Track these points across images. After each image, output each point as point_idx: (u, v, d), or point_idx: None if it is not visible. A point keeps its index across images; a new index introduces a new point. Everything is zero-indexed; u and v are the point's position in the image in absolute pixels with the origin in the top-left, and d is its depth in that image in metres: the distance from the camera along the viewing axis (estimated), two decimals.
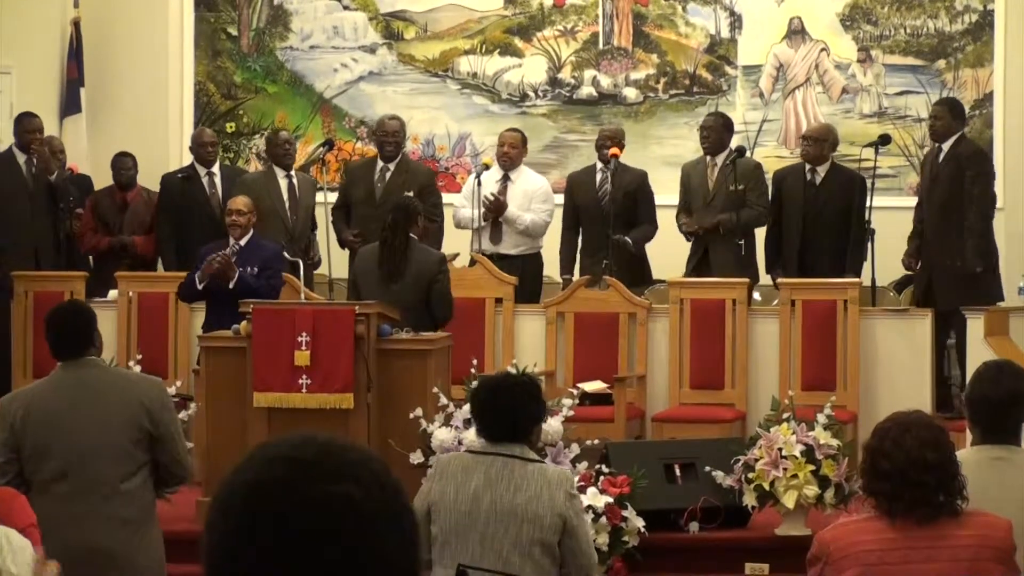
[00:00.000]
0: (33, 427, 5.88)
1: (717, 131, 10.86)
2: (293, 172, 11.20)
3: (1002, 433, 4.96)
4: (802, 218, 10.67)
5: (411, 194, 10.35)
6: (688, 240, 10.91)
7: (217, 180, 11.44)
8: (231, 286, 9.32)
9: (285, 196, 11.10)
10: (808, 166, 10.77)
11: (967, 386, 5.12)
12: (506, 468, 5.49)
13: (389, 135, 11.09)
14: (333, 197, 11.28)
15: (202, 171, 11.46)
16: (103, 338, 6.30)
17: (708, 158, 10.88)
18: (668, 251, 10.98)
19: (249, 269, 9.52)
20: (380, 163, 11.10)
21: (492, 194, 10.87)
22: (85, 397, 5.90)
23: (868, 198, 10.56)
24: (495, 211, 10.86)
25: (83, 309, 6.28)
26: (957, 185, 10.39)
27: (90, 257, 11.59)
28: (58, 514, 5.74)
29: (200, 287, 9.45)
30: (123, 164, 11.61)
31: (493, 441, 5.56)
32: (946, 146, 10.50)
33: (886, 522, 4.32)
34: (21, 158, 11.14)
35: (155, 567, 6.03)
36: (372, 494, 1.79)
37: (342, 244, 10.97)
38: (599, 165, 11.01)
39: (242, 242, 9.65)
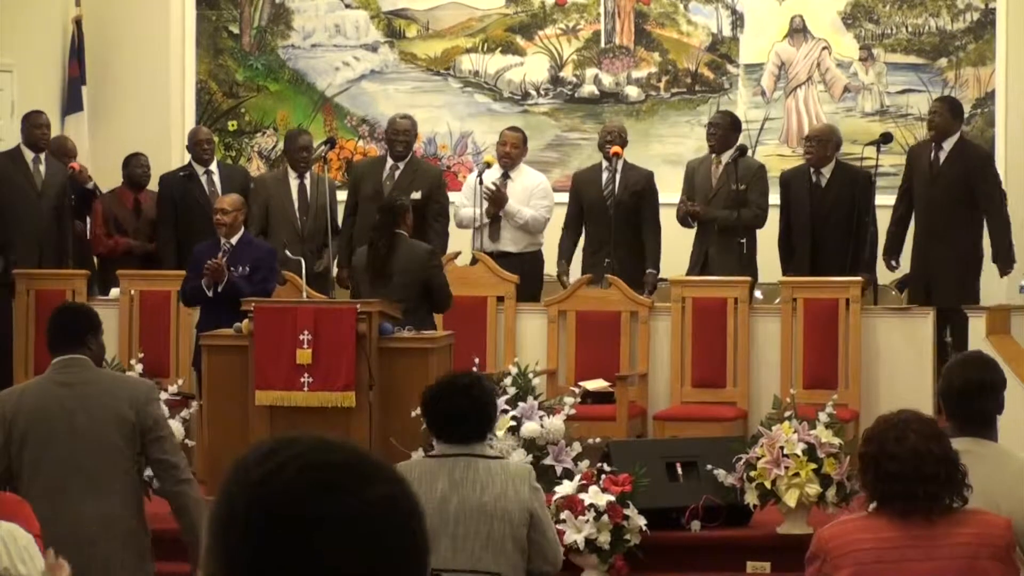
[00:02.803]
0: (23, 421, 5.91)
1: (724, 129, 10.86)
2: (307, 174, 11.20)
3: (973, 424, 4.97)
4: (810, 220, 10.61)
5: (417, 195, 10.38)
6: (688, 226, 10.84)
7: (215, 178, 11.44)
8: (219, 289, 9.33)
9: (295, 197, 11.10)
10: (812, 168, 10.72)
11: (940, 378, 5.14)
12: (469, 468, 5.51)
13: (400, 133, 11.09)
14: (341, 195, 11.32)
15: (200, 170, 11.47)
16: (105, 343, 6.29)
17: (713, 156, 10.88)
18: (669, 249, 10.96)
19: (241, 269, 9.53)
20: (390, 162, 11.10)
21: (494, 183, 10.86)
22: (74, 395, 5.92)
23: (874, 195, 10.57)
24: (496, 203, 10.85)
25: (81, 311, 6.32)
26: (964, 188, 10.40)
27: (94, 256, 11.60)
28: (44, 511, 5.75)
29: (210, 294, 9.47)
30: (138, 162, 11.62)
31: (452, 443, 5.57)
32: (947, 145, 10.49)
33: (886, 520, 4.31)
34: (29, 156, 11.17)
35: (141, 566, 6.02)
36: (406, 493, 1.83)
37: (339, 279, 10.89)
38: (604, 164, 11.00)
39: (233, 241, 9.67)
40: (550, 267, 11.18)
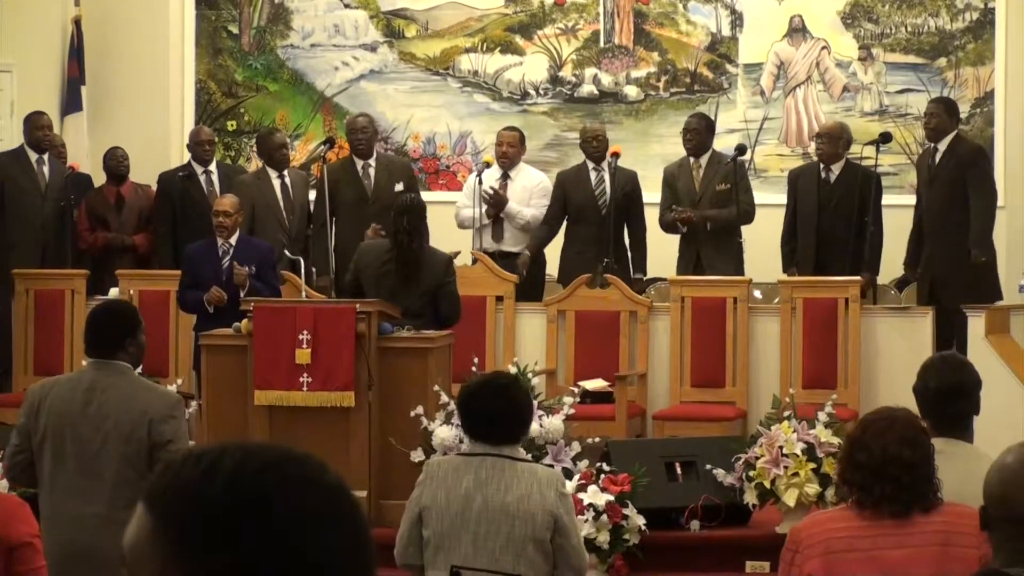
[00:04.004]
0: (45, 418, 5.91)
1: (701, 133, 10.89)
2: (286, 172, 11.22)
3: (948, 425, 4.98)
4: (817, 216, 10.62)
5: (400, 187, 10.37)
6: (676, 232, 10.85)
7: (214, 178, 11.46)
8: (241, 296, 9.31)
9: (279, 196, 11.11)
10: (822, 164, 10.73)
11: (916, 378, 5.15)
12: (496, 468, 5.48)
13: (359, 132, 11.14)
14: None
15: (199, 169, 11.48)
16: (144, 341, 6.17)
17: (692, 159, 10.89)
18: (657, 249, 10.97)
19: (249, 268, 9.56)
20: (359, 162, 11.11)
21: (492, 187, 10.88)
22: (95, 399, 5.89)
23: (881, 196, 10.57)
24: (496, 206, 10.87)
25: (118, 313, 6.14)
26: (958, 184, 10.39)
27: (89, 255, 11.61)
28: (57, 511, 5.75)
29: (211, 311, 9.47)
30: (116, 156, 11.60)
31: (483, 443, 5.56)
32: (942, 146, 10.49)
33: (857, 511, 4.37)
34: (33, 156, 11.20)
35: None
36: (345, 490, 1.84)
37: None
38: (590, 164, 11.01)
39: (232, 241, 9.69)
40: (550, 267, 11.19)
